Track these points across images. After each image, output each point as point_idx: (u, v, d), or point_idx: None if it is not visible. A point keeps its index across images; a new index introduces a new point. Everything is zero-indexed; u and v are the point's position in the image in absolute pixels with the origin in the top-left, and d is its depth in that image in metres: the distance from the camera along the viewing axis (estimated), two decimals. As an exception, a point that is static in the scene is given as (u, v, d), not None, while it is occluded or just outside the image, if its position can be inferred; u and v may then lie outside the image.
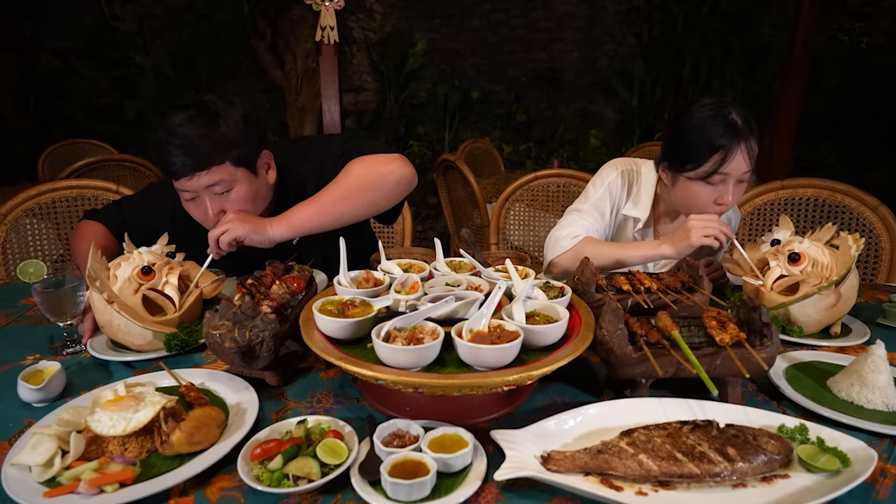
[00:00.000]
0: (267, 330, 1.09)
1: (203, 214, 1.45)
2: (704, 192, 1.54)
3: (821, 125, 6.57)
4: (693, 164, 1.51)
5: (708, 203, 1.54)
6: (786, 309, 1.37)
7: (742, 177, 1.52)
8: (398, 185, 1.51)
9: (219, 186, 1.40)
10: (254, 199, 1.47)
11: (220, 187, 1.40)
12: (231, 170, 1.40)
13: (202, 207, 1.44)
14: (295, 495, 0.86)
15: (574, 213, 1.73)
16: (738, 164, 1.48)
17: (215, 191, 1.40)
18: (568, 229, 1.66)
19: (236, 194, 1.43)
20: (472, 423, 1.02)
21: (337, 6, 3.48)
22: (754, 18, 6.60)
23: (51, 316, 1.32)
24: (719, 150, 1.47)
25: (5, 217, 2.03)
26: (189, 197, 1.43)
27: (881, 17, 6.63)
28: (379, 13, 7.30)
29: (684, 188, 1.57)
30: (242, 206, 1.44)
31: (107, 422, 0.94)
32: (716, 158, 1.48)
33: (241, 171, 1.42)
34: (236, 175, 1.41)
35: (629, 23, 7.49)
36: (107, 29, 6.38)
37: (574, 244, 1.63)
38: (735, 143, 1.47)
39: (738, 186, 1.54)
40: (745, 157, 1.49)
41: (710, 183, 1.52)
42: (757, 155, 1.52)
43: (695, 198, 1.56)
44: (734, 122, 1.48)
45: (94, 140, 4.40)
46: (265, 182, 1.52)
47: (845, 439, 0.92)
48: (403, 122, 7.15)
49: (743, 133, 1.47)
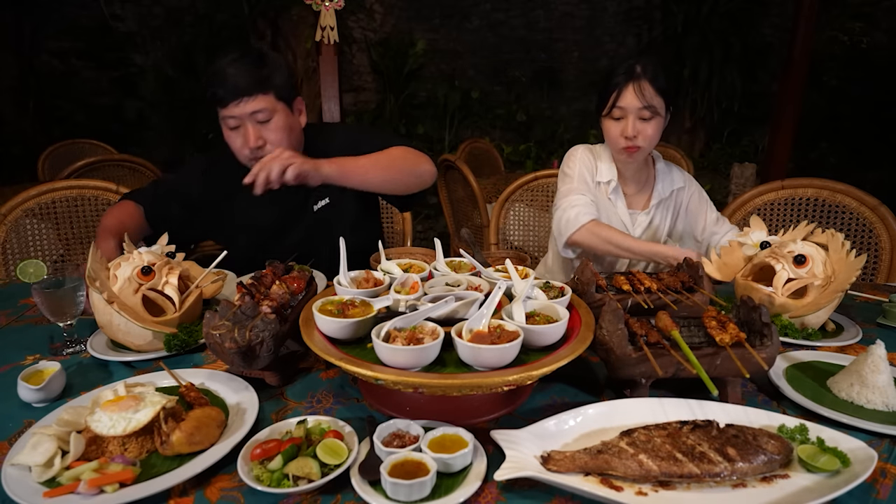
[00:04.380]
0: (267, 330, 1.09)
1: (243, 142, 1.59)
2: (613, 127, 1.80)
3: (821, 125, 6.57)
4: (603, 104, 1.80)
5: (618, 137, 1.80)
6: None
7: (641, 114, 1.75)
8: (423, 176, 1.75)
9: (261, 114, 1.57)
10: (289, 132, 1.63)
11: (262, 115, 1.57)
12: (273, 101, 1.58)
13: (243, 135, 1.59)
14: (295, 495, 0.86)
15: (570, 194, 1.88)
16: (630, 100, 1.74)
17: (258, 118, 1.57)
18: (575, 209, 1.83)
19: (275, 124, 1.60)
20: (472, 423, 1.02)
21: (337, 6, 3.48)
22: (754, 18, 6.61)
23: (51, 316, 1.32)
24: (615, 88, 1.76)
25: (5, 217, 2.03)
26: (234, 125, 1.58)
27: (881, 17, 6.64)
28: (379, 13, 7.30)
29: (605, 129, 1.85)
30: (280, 135, 1.60)
31: (107, 422, 0.94)
32: (613, 94, 1.76)
33: (281, 104, 1.61)
34: (277, 107, 1.60)
35: (629, 23, 7.50)
36: (107, 29, 6.38)
37: (586, 221, 1.80)
38: (626, 82, 1.74)
39: (642, 124, 1.77)
40: (637, 94, 1.73)
41: (614, 117, 1.79)
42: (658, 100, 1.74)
43: (608, 134, 1.84)
44: (633, 66, 1.75)
45: (94, 140, 4.39)
46: (298, 123, 1.70)
47: (845, 439, 0.92)
48: (403, 122, 7.15)
49: (636, 75, 1.74)
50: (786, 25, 5.12)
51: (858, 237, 2.03)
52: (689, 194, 1.98)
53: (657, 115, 1.76)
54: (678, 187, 1.97)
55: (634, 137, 1.76)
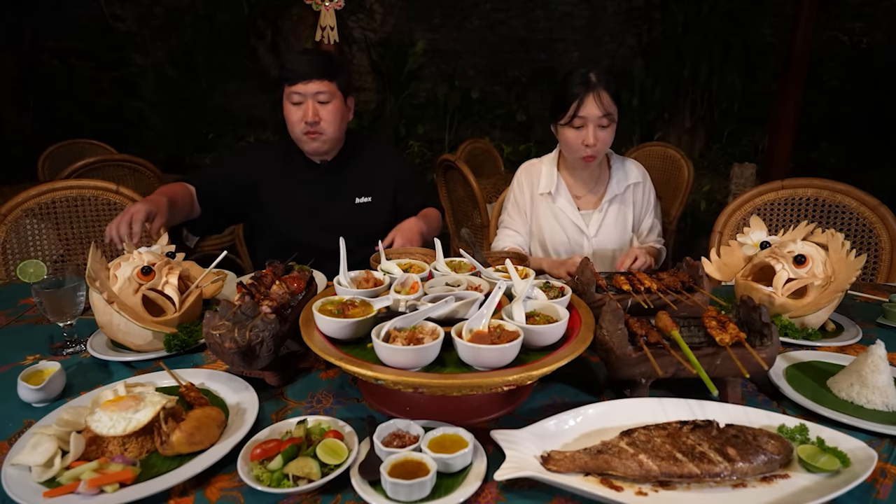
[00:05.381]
0: (267, 330, 1.09)
1: (302, 115, 1.86)
2: (572, 135, 1.85)
3: (821, 125, 6.56)
4: (562, 113, 1.84)
5: (577, 145, 1.85)
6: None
7: (600, 122, 1.81)
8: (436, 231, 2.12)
9: (323, 96, 1.85)
10: (340, 119, 1.92)
11: (323, 97, 1.85)
12: (334, 89, 1.88)
13: (303, 110, 1.86)
14: (295, 495, 0.86)
15: (502, 227, 2.11)
16: (591, 109, 1.79)
17: (320, 98, 1.85)
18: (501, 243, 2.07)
19: (333, 107, 1.88)
20: (472, 423, 1.02)
21: (337, 6, 3.47)
22: (754, 18, 6.60)
23: (51, 316, 1.32)
24: (576, 98, 1.79)
25: (5, 217, 2.03)
26: (297, 100, 1.85)
27: (881, 17, 6.63)
28: (379, 13, 7.30)
29: (562, 136, 1.90)
30: (333, 117, 1.88)
31: (107, 422, 0.94)
32: (574, 105, 1.80)
33: (339, 94, 1.90)
34: (336, 94, 1.89)
35: (629, 23, 7.49)
36: (107, 29, 6.38)
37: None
38: (586, 92, 1.79)
39: (601, 131, 1.83)
40: (597, 104, 1.79)
41: (574, 126, 1.83)
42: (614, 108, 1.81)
43: (568, 143, 1.88)
44: (589, 76, 1.80)
45: (94, 140, 4.38)
46: (347, 116, 1.98)
47: (845, 439, 0.92)
48: (403, 122, 7.15)
49: (594, 85, 1.79)
50: (786, 25, 5.11)
51: (858, 237, 2.03)
52: (643, 191, 2.06)
53: (613, 121, 1.84)
54: (633, 182, 2.04)
55: (594, 145, 1.82)
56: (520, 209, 2.07)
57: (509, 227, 2.08)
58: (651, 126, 6.97)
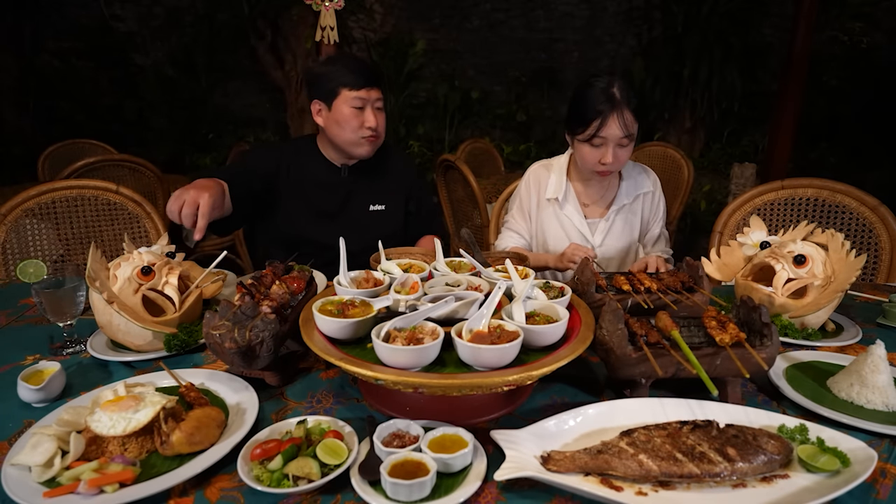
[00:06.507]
0: (267, 330, 1.09)
1: (363, 120, 1.92)
2: (590, 153, 1.78)
3: (821, 125, 6.56)
4: (581, 129, 1.76)
5: (594, 162, 1.79)
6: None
7: (620, 142, 1.74)
8: None
9: (380, 103, 1.96)
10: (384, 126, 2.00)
11: (379, 103, 1.96)
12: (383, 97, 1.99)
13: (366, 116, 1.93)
14: (295, 495, 0.86)
15: (504, 227, 2.10)
16: (613, 130, 1.71)
17: (377, 105, 1.95)
18: (503, 242, 2.06)
19: (383, 116, 1.98)
20: (472, 423, 1.02)
21: (337, 6, 3.47)
22: (754, 18, 6.59)
23: (51, 316, 1.32)
24: (598, 117, 1.71)
25: (5, 217, 2.03)
26: (359, 104, 1.91)
27: (881, 17, 6.63)
28: (379, 13, 7.30)
29: (578, 150, 1.84)
30: (383, 124, 1.98)
31: (107, 422, 0.94)
32: (595, 124, 1.71)
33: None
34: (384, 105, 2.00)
35: (629, 23, 7.49)
36: (107, 29, 6.38)
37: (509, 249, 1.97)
38: (610, 111, 1.70)
39: (620, 150, 1.77)
40: (619, 124, 1.71)
41: (593, 145, 1.76)
42: (635, 126, 1.75)
43: (584, 158, 1.82)
44: (613, 94, 1.71)
45: (94, 140, 4.38)
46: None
47: (845, 439, 0.92)
48: (403, 122, 7.14)
49: (619, 104, 1.70)
50: (786, 25, 5.11)
51: (858, 237, 2.03)
52: (653, 200, 2.02)
53: (633, 140, 1.78)
54: (644, 192, 1.99)
55: (612, 163, 1.77)
56: (524, 212, 2.04)
57: (512, 228, 2.06)
58: (651, 126, 6.96)
